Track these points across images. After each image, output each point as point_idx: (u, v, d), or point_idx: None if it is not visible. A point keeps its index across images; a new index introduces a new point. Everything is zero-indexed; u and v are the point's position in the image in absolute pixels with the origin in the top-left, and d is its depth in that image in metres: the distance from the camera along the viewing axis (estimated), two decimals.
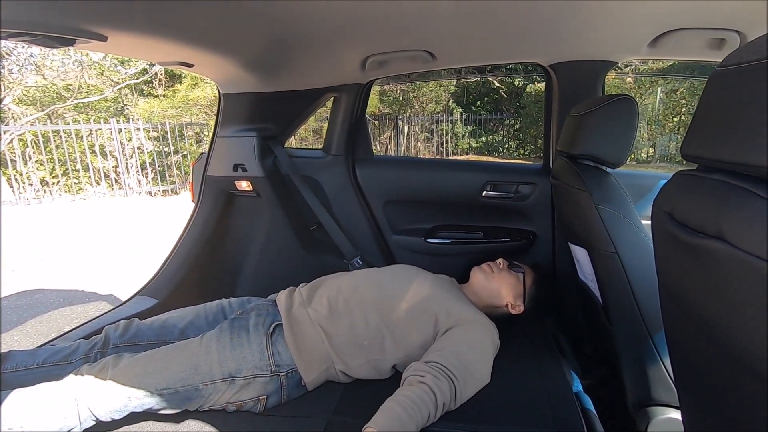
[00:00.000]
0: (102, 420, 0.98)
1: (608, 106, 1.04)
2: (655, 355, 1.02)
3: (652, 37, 1.23)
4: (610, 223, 1.01)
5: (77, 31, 0.80)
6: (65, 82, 7.18)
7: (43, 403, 0.93)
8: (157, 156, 6.97)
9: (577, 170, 1.10)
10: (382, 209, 1.76)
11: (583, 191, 1.05)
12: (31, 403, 0.93)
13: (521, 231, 1.68)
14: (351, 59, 1.41)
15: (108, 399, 0.96)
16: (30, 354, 1.12)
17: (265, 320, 1.13)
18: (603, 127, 1.06)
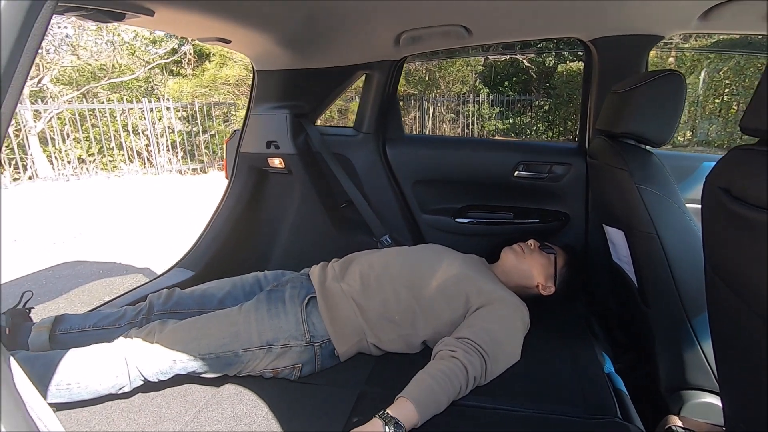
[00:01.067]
0: (149, 380, 1.04)
1: (655, 81, 1.00)
2: (693, 338, 1.01)
3: (705, 8, 1.17)
4: (651, 204, 0.98)
5: (128, 5, 0.82)
6: (99, 62, 7.36)
7: (97, 362, 1.00)
8: (186, 135, 7.12)
9: (617, 149, 1.07)
10: (411, 188, 1.76)
11: (624, 170, 1.03)
12: (86, 361, 1.00)
13: (553, 212, 1.66)
14: (385, 35, 1.39)
15: (155, 361, 1.02)
16: (82, 318, 1.19)
17: (299, 292, 1.16)
18: (648, 104, 1.02)
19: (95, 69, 7.33)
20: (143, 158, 6.91)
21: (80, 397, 1.00)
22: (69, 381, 0.98)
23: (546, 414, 0.92)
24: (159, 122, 6.90)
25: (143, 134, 6.93)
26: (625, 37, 1.35)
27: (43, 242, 4.04)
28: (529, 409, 0.94)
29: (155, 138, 6.78)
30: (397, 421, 0.83)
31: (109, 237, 4.18)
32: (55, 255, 3.62)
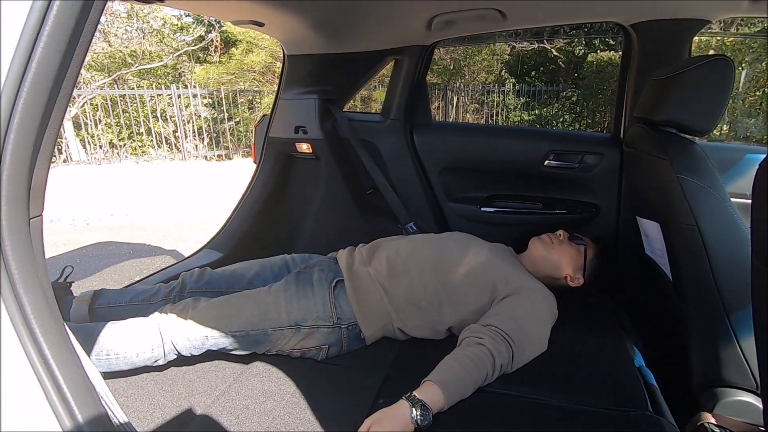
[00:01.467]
0: (183, 354, 1.08)
1: (702, 67, 0.96)
2: (731, 334, 0.97)
3: None
4: (692, 194, 0.95)
5: None
6: (129, 48, 7.53)
7: (135, 335, 1.04)
8: (212, 122, 7.24)
9: (657, 137, 1.04)
10: (438, 175, 1.75)
11: (663, 160, 0.99)
12: (125, 334, 1.04)
13: (583, 203, 1.62)
14: (417, 18, 1.38)
15: (188, 336, 1.05)
16: (119, 293, 1.24)
17: (327, 275, 1.18)
18: (693, 91, 0.98)
19: (126, 55, 7.50)
20: (171, 144, 7.06)
21: (118, 368, 1.05)
22: (108, 352, 1.02)
23: (573, 405, 0.91)
24: (186, 109, 7.03)
25: (171, 120, 7.08)
26: (667, 21, 1.30)
27: (77, 223, 4.21)
28: (555, 399, 0.93)
29: (182, 124, 6.92)
30: (424, 403, 0.84)
31: (139, 219, 4.31)
32: (88, 234, 3.77)
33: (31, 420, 0.40)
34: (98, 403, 0.43)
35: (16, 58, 0.35)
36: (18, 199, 0.38)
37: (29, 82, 0.36)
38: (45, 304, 0.40)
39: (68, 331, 0.44)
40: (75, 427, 0.39)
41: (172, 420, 0.94)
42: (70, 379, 0.40)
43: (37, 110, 0.37)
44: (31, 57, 0.36)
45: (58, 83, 0.38)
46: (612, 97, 7.70)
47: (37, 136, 0.38)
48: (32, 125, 0.37)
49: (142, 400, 1.01)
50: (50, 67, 0.37)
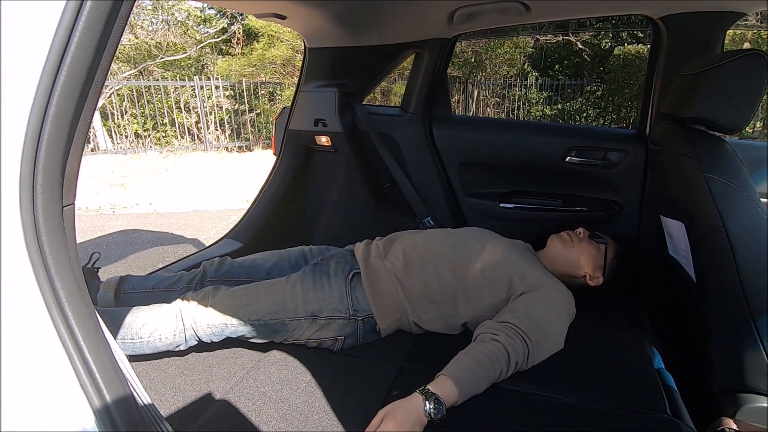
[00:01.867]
0: (203, 341, 1.11)
1: (734, 62, 0.92)
2: (755, 338, 0.94)
3: None
4: (719, 194, 0.92)
5: None
6: (154, 40, 7.67)
7: (158, 321, 1.07)
8: (233, 113, 7.34)
9: (685, 135, 1.01)
10: (456, 170, 1.74)
11: (690, 158, 0.96)
12: (149, 319, 1.08)
13: (605, 201, 1.59)
14: (439, 11, 1.36)
15: (209, 323, 1.08)
16: (143, 279, 1.28)
17: (344, 267, 1.19)
18: (724, 87, 0.95)
19: (151, 47, 7.65)
20: (193, 135, 7.20)
21: (142, 351, 1.08)
22: (133, 336, 1.06)
23: (588, 404, 0.90)
24: (208, 100, 7.14)
25: (193, 111, 7.20)
26: (700, 14, 1.25)
27: (104, 210, 4.34)
28: (570, 398, 0.92)
29: (204, 115, 7.04)
30: (437, 397, 0.84)
31: (162, 207, 4.43)
32: (114, 222, 3.89)
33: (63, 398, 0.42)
34: (125, 384, 0.45)
35: (52, 53, 0.37)
36: (52, 188, 0.40)
37: (64, 76, 0.37)
38: (76, 289, 0.42)
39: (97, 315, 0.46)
40: (103, 407, 0.42)
41: (192, 403, 0.97)
42: (99, 360, 0.42)
43: (71, 103, 0.39)
44: (65, 52, 0.37)
45: (91, 77, 0.40)
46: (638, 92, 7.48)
47: (71, 128, 0.40)
48: (66, 117, 0.39)
49: (164, 383, 1.04)
50: (83, 61, 0.38)
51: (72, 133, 0.40)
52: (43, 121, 0.38)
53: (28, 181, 0.38)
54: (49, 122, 0.38)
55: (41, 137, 0.37)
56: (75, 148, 0.42)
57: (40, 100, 0.37)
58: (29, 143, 0.37)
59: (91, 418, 0.42)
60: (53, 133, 0.38)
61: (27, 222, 0.38)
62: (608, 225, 1.58)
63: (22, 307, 0.40)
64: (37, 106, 0.37)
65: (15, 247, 0.39)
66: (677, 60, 1.31)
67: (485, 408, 0.89)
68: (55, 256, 0.40)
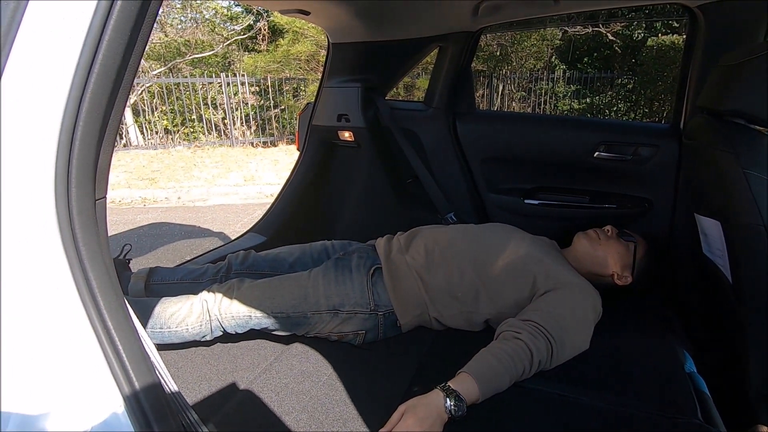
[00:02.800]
0: (228, 332, 1.14)
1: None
2: None
3: None
4: (760, 192, 0.87)
5: None
6: (183, 38, 7.86)
7: (185, 312, 1.11)
8: (258, 109, 7.46)
9: (722, 129, 0.96)
10: (480, 166, 1.71)
11: (729, 153, 0.92)
12: (177, 310, 1.11)
13: (635, 198, 1.53)
14: (463, 4, 1.34)
15: (234, 314, 1.11)
16: (171, 271, 1.32)
17: (365, 262, 1.20)
18: (765, 78, 0.89)
19: (180, 45, 7.84)
20: (220, 130, 7.35)
21: (170, 341, 1.12)
22: (162, 326, 1.10)
23: (615, 407, 0.88)
24: (234, 96, 7.28)
25: (220, 107, 7.35)
26: (740, 1, 1.18)
27: (135, 204, 4.50)
28: (598, 400, 0.90)
29: (230, 111, 7.18)
30: (458, 394, 0.83)
31: (190, 201, 4.55)
32: (144, 215, 4.02)
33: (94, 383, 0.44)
34: (153, 372, 0.47)
35: (84, 52, 0.38)
36: (85, 183, 0.41)
37: (96, 74, 0.39)
38: (108, 279, 0.43)
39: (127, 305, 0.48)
40: (132, 393, 0.43)
41: (217, 392, 1.00)
42: (129, 348, 0.44)
43: (103, 99, 0.40)
44: (97, 50, 0.38)
45: (121, 74, 0.41)
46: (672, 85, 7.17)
47: (103, 124, 0.41)
48: (98, 114, 0.40)
49: (190, 372, 1.08)
50: (114, 59, 0.40)
51: (104, 129, 0.42)
52: (77, 118, 0.39)
53: (63, 175, 0.40)
54: (82, 118, 0.39)
55: (75, 133, 0.39)
56: (107, 144, 0.43)
57: (74, 97, 0.39)
58: (64, 139, 0.39)
59: (120, 403, 0.43)
60: (86, 129, 0.40)
61: (62, 215, 0.40)
62: (638, 223, 1.53)
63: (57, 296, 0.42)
64: (72, 102, 0.38)
65: (51, 239, 0.41)
66: (715, 50, 1.25)
67: (509, 407, 0.88)
68: (88, 247, 0.42)
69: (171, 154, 6.52)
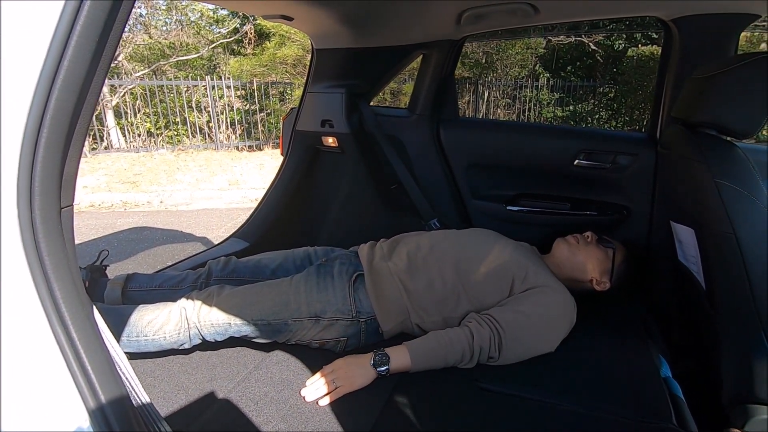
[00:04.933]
0: (207, 340, 1.12)
1: (746, 66, 0.90)
2: (766, 348, 0.92)
3: None
4: (731, 201, 0.90)
5: None
6: (168, 40, 7.76)
7: (163, 320, 1.08)
8: (244, 113, 7.40)
9: (695, 139, 0.99)
10: (463, 172, 1.73)
11: (701, 163, 0.94)
12: (154, 318, 1.09)
13: (614, 205, 1.56)
14: (447, 12, 1.35)
15: (213, 322, 1.09)
16: (149, 277, 1.30)
17: (348, 269, 1.19)
18: (736, 91, 0.93)
19: (164, 47, 7.74)
20: (204, 134, 7.27)
21: (146, 349, 1.10)
22: (138, 334, 1.07)
23: (593, 413, 0.89)
24: (220, 100, 7.21)
25: (205, 111, 7.27)
26: (712, 16, 1.22)
27: (115, 207, 4.41)
28: (575, 405, 0.91)
29: (216, 115, 7.10)
30: (385, 353, 1.00)
31: (172, 205, 4.48)
32: (125, 219, 3.94)
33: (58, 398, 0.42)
34: (121, 384, 0.46)
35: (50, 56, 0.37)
36: (50, 191, 0.40)
37: (61, 80, 0.38)
38: (74, 290, 0.42)
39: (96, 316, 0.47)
40: (97, 406, 0.42)
41: (195, 402, 0.98)
42: (95, 360, 0.42)
43: (69, 105, 0.39)
44: (63, 55, 0.37)
45: (89, 80, 0.40)
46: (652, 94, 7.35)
47: (69, 130, 0.40)
48: (65, 120, 0.39)
49: (167, 381, 1.05)
50: (81, 65, 0.39)
51: (70, 135, 0.41)
52: (41, 124, 0.38)
53: (26, 184, 0.38)
54: (47, 125, 0.38)
55: (39, 140, 0.38)
56: (73, 150, 0.42)
57: (38, 103, 0.37)
58: (27, 146, 0.38)
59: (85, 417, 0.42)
60: (51, 135, 0.39)
61: (25, 225, 0.39)
62: (617, 229, 1.56)
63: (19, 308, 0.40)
64: (35, 108, 0.37)
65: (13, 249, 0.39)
66: (689, 63, 1.29)
67: (486, 413, 0.88)
68: (53, 257, 0.40)
69: (154, 158, 6.41)
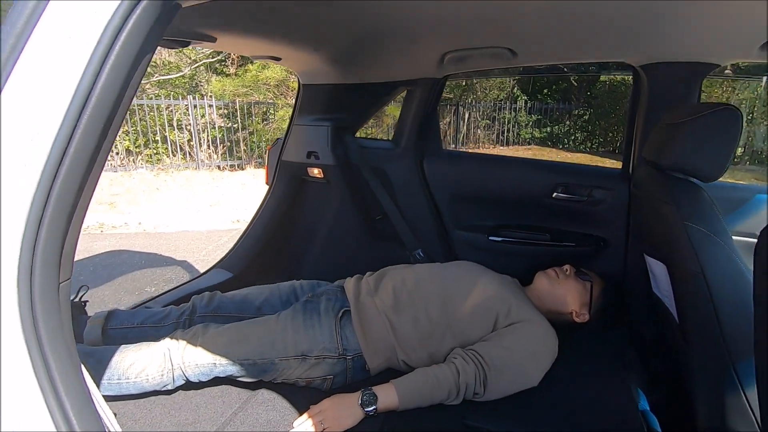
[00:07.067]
0: (191, 380, 1.10)
1: (709, 116, 0.97)
2: (736, 383, 0.97)
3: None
4: (698, 242, 0.95)
5: (194, 34, 0.88)
6: None
7: (146, 362, 1.07)
8: (226, 132, 7.36)
9: (664, 181, 1.05)
10: (447, 203, 1.77)
11: (670, 205, 1.00)
12: (137, 360, 1.07)
13: (591, 236, 1.62)
14: (430, 54, 1.41)
15: (197, 363, 1.08)
16: (131, 314, 1.27)
17: (334, 305, 1.20)
18: (700, 139, 0.99)
19: None
20: (185, 152, 7.19)
21: (128, 392, 1.07)
22: (120, 377, 1.05)
23: None
24: (201, 119, 7.16)
25: (186, 129, 7.21)
26: (678, 64, 1.31)
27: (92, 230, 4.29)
28: None
29: (197, 133, 7.05)
30: (373, 392, 1.00)
31: (151, 227, 4.39)
32: (102, 242, 3.84)
33: None
34: None
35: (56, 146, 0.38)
36: (50, 266, 0.41)
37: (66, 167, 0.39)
38: (70, 364, 0.42)
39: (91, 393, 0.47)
40: None
41: None
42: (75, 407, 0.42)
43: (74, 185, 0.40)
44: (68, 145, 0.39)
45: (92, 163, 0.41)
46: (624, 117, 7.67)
47: (72, 209, 0.41)
48: (68, 200, 0.40)
49: (149, 425, 1.03)
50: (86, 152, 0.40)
51: (71, 215, 0.41)
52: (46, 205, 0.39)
53: (27, 261, 0.39)
54: (51, 204, 0.39)
55: (42, 222, 0.39)
56: (73, 227, 0.43)
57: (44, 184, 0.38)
58: (30, 228, 0.38)
59: None
60: (55, 217, 0.40)
61: (24, 303, 0.39)
62: (595, 260, 1.61)
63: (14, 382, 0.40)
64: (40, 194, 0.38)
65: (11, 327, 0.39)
66: (657, 105, 1.37)
67: None
68: (50, 333, 0.41)
69: (132, 177, 6.30)
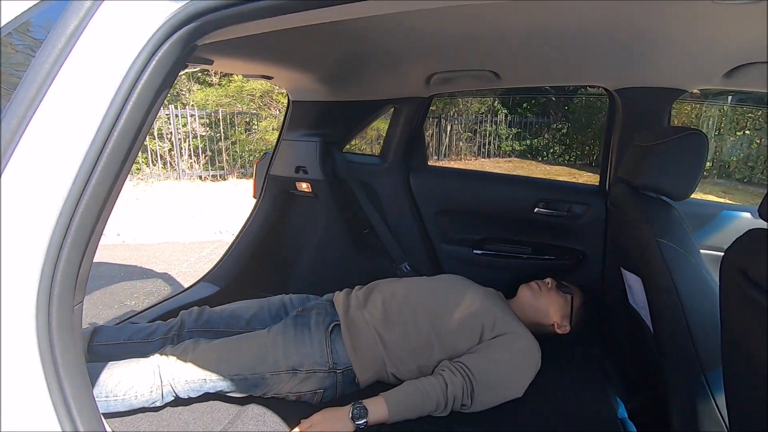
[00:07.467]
0: (180, 397, 1.10)
1: (677, 140, 1.04)
2: (707, 392, 1.02)
3: (730, 68, 1.21)
4: (671, 258, 1.01)
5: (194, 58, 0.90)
6: None
7: (135, 378, 1.06)
8: (208, 141, 7.29)
9: (638, 200, 1.11)
10: (433, 217, 1.81)
11: (644, 223, 1.06)
12: (125, 377, 1.06)
13: (571, 250, 1.69)
14: (417, 75, 1.46)
15: (187, 379, 1.08)
16: (117, 330, 1.26)
17: (324, 319, 1.22)
18: (670, 161, 1.06)
19: None
20: (166, 162, 7.09)
21: (116, 409, 1.06)
22: (108, 394, 1.04)
23: None
24: (183, 128, 7.09)
25: (167, 138, 7.11)
26: (649, 89, 1.40)
27: None
28: None
29: (179, 143, 6.96)
30: (363, 406, 1.01)
31: (130, 239, 4.29)
32: None
33: None
34: None
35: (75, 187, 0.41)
36: (67, 291, 0.42)
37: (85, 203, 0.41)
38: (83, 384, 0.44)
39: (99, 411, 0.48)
40: None
41: None
42: None
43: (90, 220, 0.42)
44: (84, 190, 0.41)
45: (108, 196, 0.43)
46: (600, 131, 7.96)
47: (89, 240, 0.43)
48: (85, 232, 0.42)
49: None
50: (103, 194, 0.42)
51: (89, 242, 0.43)
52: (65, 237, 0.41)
53: (46, 290, 0.41)
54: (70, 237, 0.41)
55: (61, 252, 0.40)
56: (89, 252, 0.45)
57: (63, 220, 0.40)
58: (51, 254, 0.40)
59: None
60: (74, 245, 0.41)
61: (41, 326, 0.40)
62: (574, 273, 1.68)
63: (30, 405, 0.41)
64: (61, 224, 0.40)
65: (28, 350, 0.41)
66: (631, 127, 1.45)
67: None
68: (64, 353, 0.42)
69: None
